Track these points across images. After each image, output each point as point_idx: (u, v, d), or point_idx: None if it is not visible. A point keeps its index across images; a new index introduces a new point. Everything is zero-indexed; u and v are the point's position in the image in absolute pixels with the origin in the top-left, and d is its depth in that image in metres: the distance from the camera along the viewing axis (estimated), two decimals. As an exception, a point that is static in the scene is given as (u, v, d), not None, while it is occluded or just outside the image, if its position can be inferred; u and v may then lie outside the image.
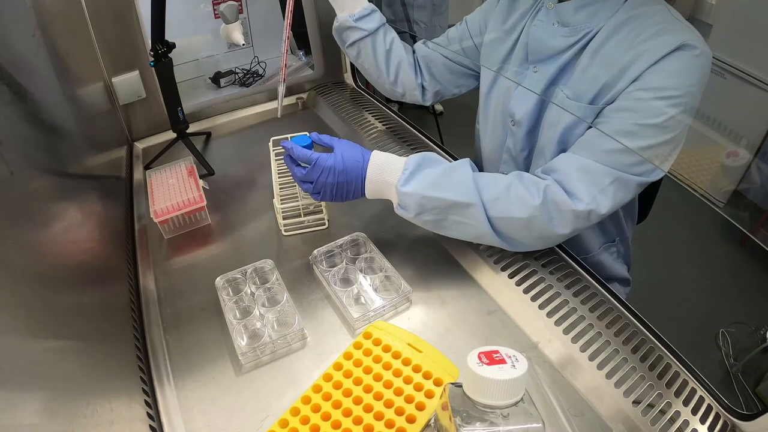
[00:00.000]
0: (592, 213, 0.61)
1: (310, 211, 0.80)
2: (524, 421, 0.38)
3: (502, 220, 0.63)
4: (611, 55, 0.63)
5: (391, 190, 0.66)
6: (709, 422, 0.52)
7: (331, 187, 0.67)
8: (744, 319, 1.64)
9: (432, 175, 0.65)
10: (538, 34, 0.70)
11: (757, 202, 1.72)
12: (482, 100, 0.86)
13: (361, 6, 0.88)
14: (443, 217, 0.65)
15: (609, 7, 0.64)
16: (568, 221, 0.62)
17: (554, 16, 0.69)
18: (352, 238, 0.73)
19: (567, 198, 0.61)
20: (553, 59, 0.70)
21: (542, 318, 0.62)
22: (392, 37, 0.91)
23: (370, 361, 0.56)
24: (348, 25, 0.88)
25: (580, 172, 0.62)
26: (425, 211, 0.65)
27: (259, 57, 1.22)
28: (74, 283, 0.54)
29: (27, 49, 0.69)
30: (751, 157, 1.57)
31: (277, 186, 0.78)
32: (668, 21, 0.61)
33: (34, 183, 0.54)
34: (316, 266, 0.70)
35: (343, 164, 0.66)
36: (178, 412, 0.55)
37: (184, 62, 1.12)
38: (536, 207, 0.61)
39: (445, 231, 0.67)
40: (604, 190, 0.61)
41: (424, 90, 0.95)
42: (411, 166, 0.65)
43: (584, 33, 0.66)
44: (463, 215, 0.64)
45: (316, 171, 0.66)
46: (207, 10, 1.10)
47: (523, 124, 0.75)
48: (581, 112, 0.66)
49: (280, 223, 0.79)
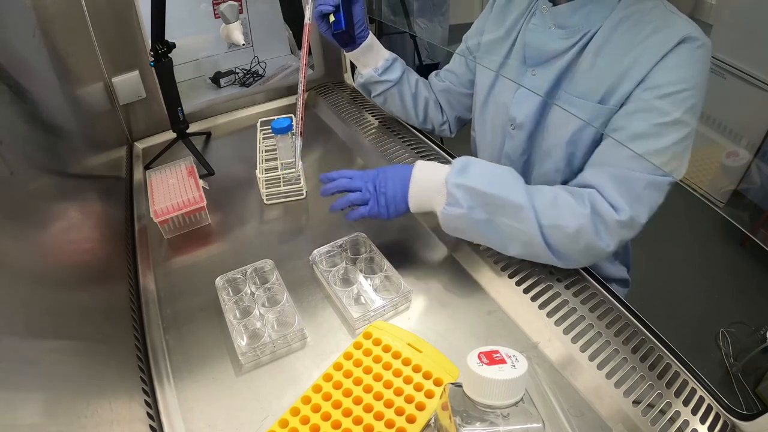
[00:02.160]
0: (634, 221, 0.61)
1: (290, 182, 0.87)
2: (524, 421, 0.38)
3: (552, 228, 0.61)
4: (613, 55, 0.63)
5: (439, 190, 0.64)
6: (709, 422, 0.52)
7: (376, 186, 0.67)
8: (744, 319, 1.64)
9: (483, 172, 0.64)
10: (535, 38, 0.70)
11: (757, 202, 1.72)
12: (478, 107, 0.86)
13: (383, 58, 0.89)
14: (493, 217, 0.62)
15: (604, 7, 0.64)
16: (613, 233, 0.61)
17: (550, 18, 0.69)
18: (352, 238, 0.73)
19: (610, 208, 0.60)
20: (553, 62, 0.70)
21: (542, 318, 0.62)
22: (415, 79, 0.93)
23: (370, 361, 0.56)
24: (374, 80, 0.91)
25: (614, 183, 0.61)
26: (477, 207, 0.62)
27: (259, 57, 1.22)
28: (74, 283, 0.54)
29: (27, 49, 0.69)
30: (751, 157, 1.57)
31: (261, 157, 0.87)
32: (665, 16, 0.62)
33: (34, 183, 0.54)
34: (316, 266, 0.70)
35: (385, 169, 0.68)
36: (178, 412, 0.55)
37: (184, 62, 1.12)
38: (585, 216, 0.60)
39: (491, 235, 0.64)
40: (639, 197, 0.60)
41: (449, 123, 0.97)
42: (459, 162, 0.64)
43: (582, 34, 0.66)
44: (515, 218, 0.61)
45: (359, 177, 0.68)
46: (207, 10, 1.10)
47: (524, 128, 0.75)
48: (590, 112, 0.65)
49: (262, 193, 0.85)
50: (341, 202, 0.69)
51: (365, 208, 0.68)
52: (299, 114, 0.83)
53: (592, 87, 0.65)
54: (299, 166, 0.83)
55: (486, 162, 0.67)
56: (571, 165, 0.72)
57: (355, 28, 0.83)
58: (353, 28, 0.82)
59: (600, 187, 0.62)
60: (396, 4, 2.17)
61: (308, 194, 0.86)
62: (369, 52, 0.88)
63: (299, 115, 0.83)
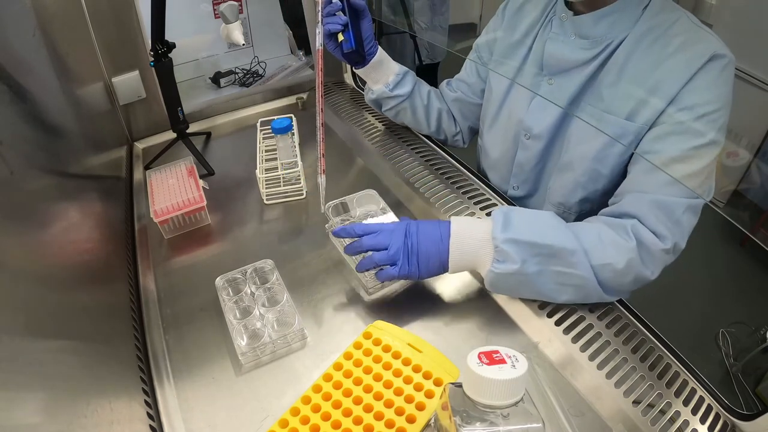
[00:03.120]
0: (677, 247, 0.61)
1: (290, 182, 0.87)
2: (524, 421, 0.38)
3: (602, 267, 0.59)
4: (639, 69, 0.62)
5: (482, 247, 0.59)
6: (709, 422, 0.52)
7: (407, 244, 0.61)
8: (744, 319, 1.64)
9: (527, 220, 0.60)
10: (555, 48, 0.69)
11: (757, 202, 1.72)
12: (490, 115, 0.83)
13: (394, 73, 0.87)
14: (546, 267, 0.58)
15: (628, 17, 0.63)
16: (658, 261, 0.60)
17: (571, 27, 0.67)
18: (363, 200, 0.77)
19: (655, 238, 0.59)
20: (573, 72, 0.68)
21: (542, 318, 0.62)
22: (427, 90, 0.91)
23: (370, 361, 0.56)
24: (385, 96, 0.88)
25: (655, 210, 0.60)
26: (529, 259, 0.58)
27: (259, 57, 1.22)
28: (74, 283, 0.54)
29: (27, 49, 0.69)
30: (751, 157, 1.57)
31: (261, 157, 0.87)
32: (691, 29, 0.61)
33: (34, 183, 0.54)
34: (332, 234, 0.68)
35: (416, 224, 0.62)
36: (178, 412, 0.55)
37: (184, 62, 1.12)
38: (632, 249, 0.59)
39: (543, 285, 0.59)
40: (679, 222, 0.60)
41: (462, 133, 0.95)
42: (500, 216, 0.60)
43: (605, 45, 0.64)
44: (568, 263, 0.58)
45: (386, 233, 0.61)
46: (207, 10, 1.10)
47: (541, 138, 0.74)
48: (617, 128, 0.64)
49: (262, 193, 0.85)
50: (367, 263, 0.62)
51: (395, 269, 0.61)
52: (320, 149, 0.72)
53: (618, 101, 0.64)
54: (324, 209, 0.73)
55: (522, 209, 0.63)
56: (594, 181, 0.71)
57: (365, 45, 0.80)
58: (363, 47, 0.80)
59: (641, 216, 0.61)
60: (396, 4, 2.17)
61: (308, 194, 0.86)
62: (379, 67, 0.85)
63: (321, 150, 0.72)
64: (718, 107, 0.59)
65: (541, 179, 0.80)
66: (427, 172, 0.87)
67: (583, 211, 0.76)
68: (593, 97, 0.67)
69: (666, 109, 0.60)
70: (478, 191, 0.82)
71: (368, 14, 0.80)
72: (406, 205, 0.83)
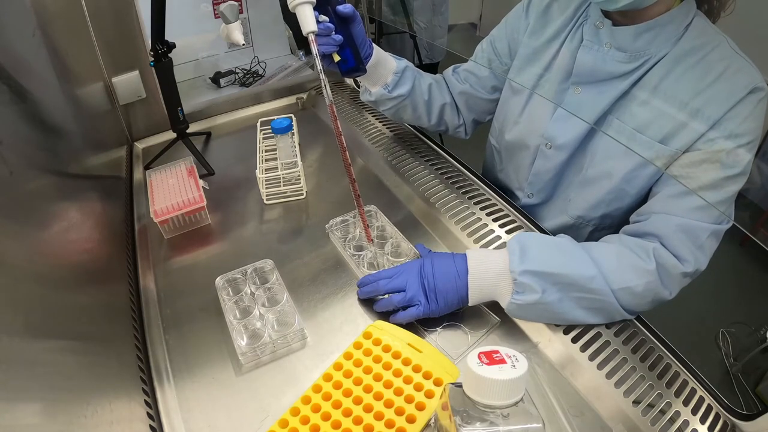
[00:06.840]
0: (697, 271, 0.61)
1: (290, 182, 0.88)
2: (524, 421, 0.38)
3: (622, 291, 0.58)
4: (677, 92, 0.61)
5: (500, 279, 0.59)
6: (709, 422, 0.52)
7: (423, 284, 0.61)
8: (744, 319, 1.64)
9: (544, 249, 0.60)
10: (588, 57, 0.66)
11: (757, 202, 1.71)
12: (510, 119, 0.80)
13: (392, 72, 0.80)
14: (566, 294, 0.58)
15: (669, 34, 0.61)
16: (676, 283, 0.61)
17: (607, 38, 0.64)
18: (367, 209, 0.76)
19: (676, 261, 0.60)
20: (605, 84, 0.66)
21: (542, 318, 0.62)
22: (428, 84, 0.86)
23: (370, 361, 0.56)
24: (385, 98, 0.83)
25: (682, 233, 0.60)
26: (548, 288, 0.58)
27: (259, 57, 1.22)
28: (74, 283, 0.54)
29: (27, 49, 0.69)
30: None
31: (261, 157, 0.87)
32: (731, 57, 0.60)
33: (34, 183, 0.54)
34: (332, 233, 0.73)
35: (431, 263, 0.62)
36: (178, 412, 0.55)
37: (184, 62, 1.12)
38: (652, 272, 0.59)
39: (564, 312, 0.59)
40: (702, 246, 0.60)
41: (465, 125, 0.92)
42: (516, 247, 0.60)
43: (644, 60, 0.63)
44: (587, 289, 0.58)
45: (401, 277, 0.62)
46: (207, 10, 1.10)
47: (564, 150, 0.72)
48: (651, 151, 0.63)
49: (262, 193, 0.85)
50: (385, 304, 0.63)
51: (417, 309, 0.60)
52: (361, 216, 0.67)
53: (651, 121, 0.63)
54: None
55: (538, 234, 0.63)
56: (620, 200, 0.70)
57: (360, 52, 0.74)
58: (362, 60, 0.74)
59: (664, 238, 0.61)
60: (396, 4, 2.17)
61: (308, 194, 0.86)
62: (377, 68, 0.79)
63: (361, 217, 0.67)
64: (752, 140, 0.59)
65: (557, 189, 0.78)
66: (428, 172, 0.87)
67: (602, 226, 0.75)
68: (623, 113, 0.65)
69: (705, 134, 0.60)
70: (479, 192, 0.82)
71: (358, 17, 0.73)
72: (407, 205, 0.83)
